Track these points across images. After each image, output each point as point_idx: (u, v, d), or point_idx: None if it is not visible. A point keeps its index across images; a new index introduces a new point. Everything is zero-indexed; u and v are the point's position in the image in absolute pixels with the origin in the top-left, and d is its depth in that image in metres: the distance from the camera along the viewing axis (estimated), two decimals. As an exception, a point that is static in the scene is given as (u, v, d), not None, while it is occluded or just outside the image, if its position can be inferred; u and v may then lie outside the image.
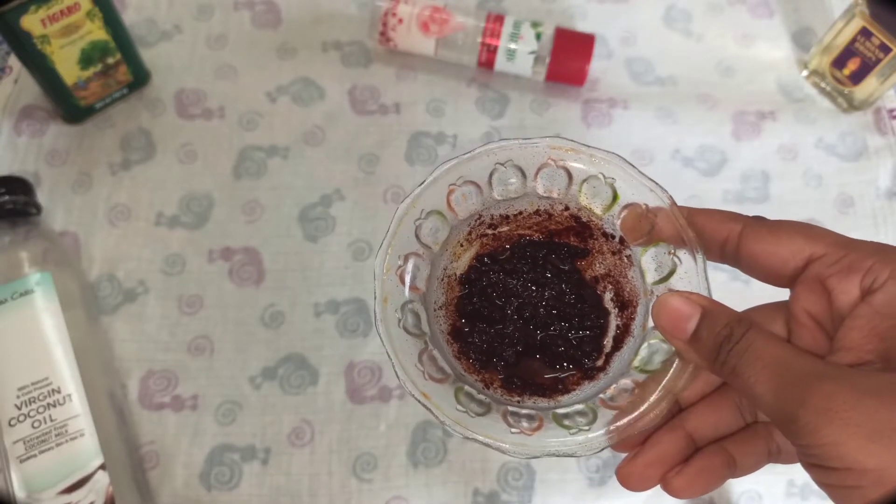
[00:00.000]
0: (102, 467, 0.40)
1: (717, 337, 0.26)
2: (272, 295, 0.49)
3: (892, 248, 0.26)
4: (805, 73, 0.59)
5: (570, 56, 0.55)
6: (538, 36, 0.54)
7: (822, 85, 0.58)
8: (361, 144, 0.54)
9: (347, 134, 0.55)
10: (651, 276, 0.32)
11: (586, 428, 0.29)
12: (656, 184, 0.32)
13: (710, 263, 0.30)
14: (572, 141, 0.32)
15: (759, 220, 0.29)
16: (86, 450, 0.41)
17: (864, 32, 0.53)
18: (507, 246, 0.34)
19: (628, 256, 0.33)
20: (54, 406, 0.41)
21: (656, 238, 0.31)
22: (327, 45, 0.58)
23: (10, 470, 0.40)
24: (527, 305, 0.33)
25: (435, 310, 0.33)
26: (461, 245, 0.34)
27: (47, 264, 0.45)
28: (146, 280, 0.49)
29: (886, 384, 0.23)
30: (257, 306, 0.49)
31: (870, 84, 0.55)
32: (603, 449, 0.29)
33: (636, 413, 0.29)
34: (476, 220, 0.33)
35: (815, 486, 0.46)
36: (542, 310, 0.33)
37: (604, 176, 0.32)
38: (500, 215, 0.34)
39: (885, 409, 0.22)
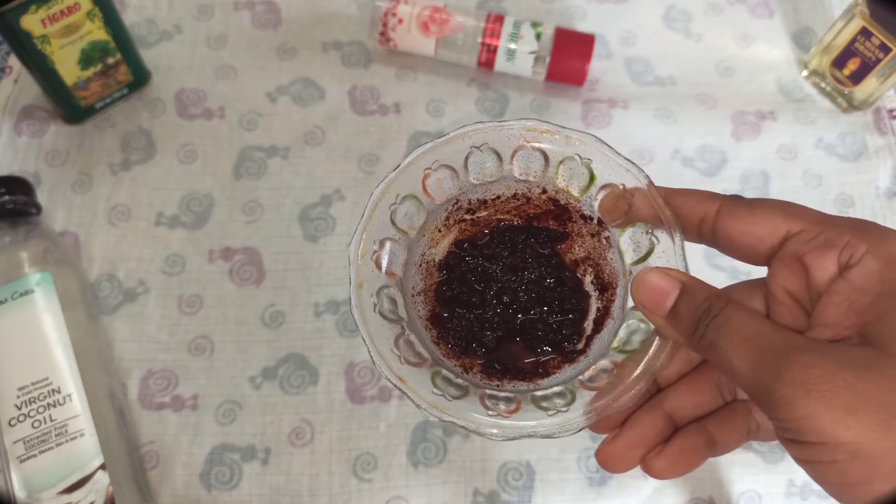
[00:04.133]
0: (102, 467, 0.40)
1: (696, 312, 0.26)
2: (272, 295, 0.49)
3: (869, 224, 0.26)
4: (805, 73, 0.59)
5: (570, 56, 0.55)
6: (538, 36, 0.54)
7: (822, 85, 0.58)
8: (361, 144, 0.54)
9: (347, 134, 0.55)
10: (630, 257, 0.31)
11: (564, 409, 0.29)
12: (633, 164, 0.31)
13: (688, 244, 0.30)
14: (548, 122, 0.32)
15: (736, 199, 0.29)
16: (86, 450, 0.41)
17: (864, 32, 0.53)
18: (486, 231, 0.33)
19: (607, 238, 0.33)
20: (54, 406, 0.41)
21: (634, 218, 0.31)
22: (327, 45, 0.58)
23: (10, 470, 0.40)
24: (507, 290, 0.33)
25: (413, 295, 0.32)
26: (439, 230, 0.33)
27: (47, 264, 0.45)
28: (146, 280, 0.49)
29: (863, 358, 0.23)
30: (257, 306, 0.49)
31: (870, 84, 0.55)
32: (581, 429, 0.28)
33: (615, 392, 0.28)
34: (453, 205, 0.33)
35: (815, 486, 0.46)
36: (522, 294, 0.33)
37: (580, 157, 0.32)
38: (478, 200, 0.33)
39: (862, 382, 0.22)
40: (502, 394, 0.30)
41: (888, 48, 0.52)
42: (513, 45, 0.54)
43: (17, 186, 0.47)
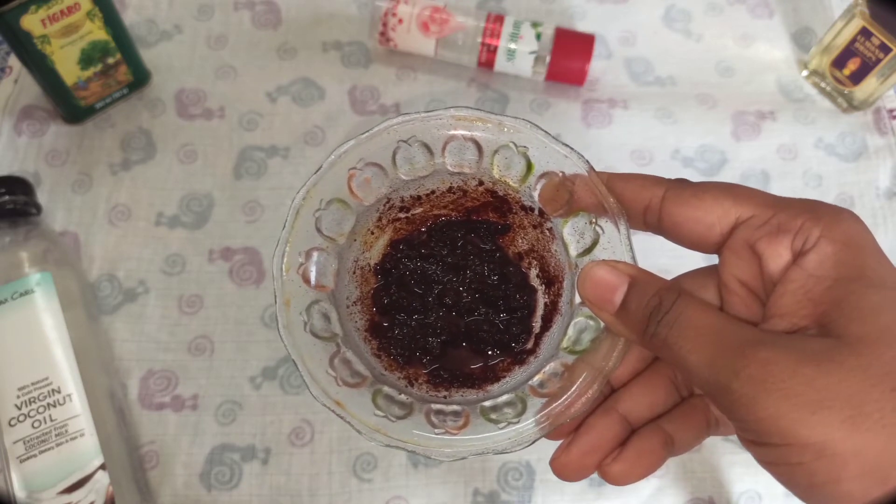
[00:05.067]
0: (102, 467, 0.40)
1: (647, 307, 0.25)
2: (272, 295, 0.49)
3: (821, 204, 0.24)
4: (805, 73, 0.59)
5: (570, 56, 0.55)
6: (538, 36, 0.54)
7: (822, 85, 0.58)
8: (361, 144, 0.54)
9: (347, 134, 0.55)
10: (574, 249, 0.29)
11: (515, 420, 0.27)
12: (572, 150, 0.29)
13: (634, 232, 0.29)
14: (478, 109, 0.30)
15: (681, 183, 0.27)
16: (86, 450, 0.41)
17: (864, 32, 0.53)
18: (423, 229, 0.32)
19: (549, 229, 0.31)
20: (54, 406, 0.41)
21: (576, 207, 0.29)
22: (327, 45, 0.58)
23: (10, 470, 0.40)
24: (449, 291, 0.31)
25: (348, 306, 0.30)
26: (371, 233, 0.31)
27: (47, 264, 0.45)
28: (146, 280, 0.49)
29: (823, 349, 0.21)
30: (257, 306, 0.49)
31: (870, 84, 0.55)
32: (535, 441, 0.27)
33: (566, 397, 0.27)
34: (385, 205, 0.31)
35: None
36: (465, 294, 0.31)
37: (515, 145, 0.30)
38: (411, 196, 0.31)
39: (824, 376, 0.20)
40: (450, 408, 0.28)
41: (888, 48, 0.52)
42: (513, 45, 0.54)
43: (17, 186, 0.47)
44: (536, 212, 0.31)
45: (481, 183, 0.31)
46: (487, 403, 0.28)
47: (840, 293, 0.22)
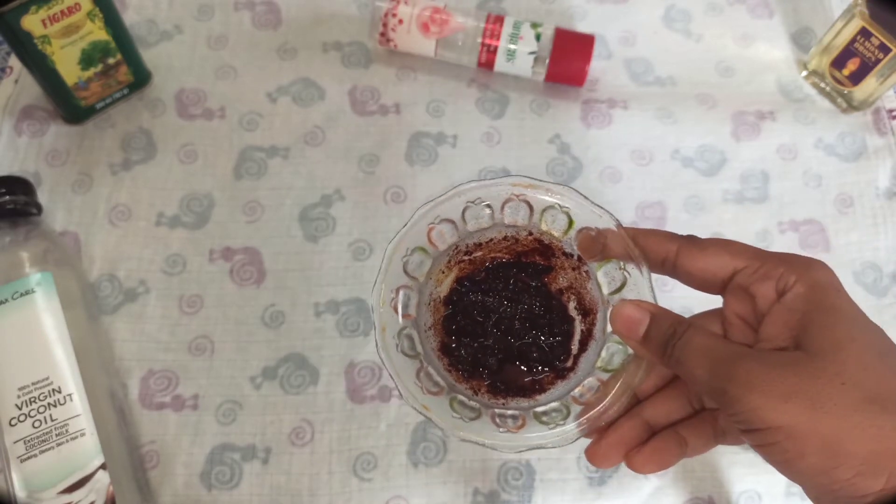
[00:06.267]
0: (103, 467, 0.40)
1: (664, 336, 0.32)
2: (272, 295, 0.49)
3: (796, 257, 0.31)
4: (804, 73, 0.59)
5: (569, 56, 0.55)
6: (538, 36, 0.54)
7: (822, 85, 0.58)
8: (362, 145, 0.55)
9: (348, 134, 0.55)
10: (606, 288, 0.36)
11: (561, 422, 0.34)
12: (605, 210, 0.36)
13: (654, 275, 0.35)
14: (531, 178, 0.37)
15: (691, 240, 0.34)
16: (86, 449, 0.41)
17: (864, 32, 0.53)
18: (482, 268, 0.38)
19: (586, 271, 0.38)
20: (55, 406, 0.41)
21: (608, 255, 0.36)
22: (328, 45, 0.58)
23: (10, 469, 0.40)
24: (503, 319, 0.37)
25: (425, 330, 0.37)
26: (442, 272, 0.38)
27: (48, 264, 0.45)
28: (147, 280, 0.49)
29: (793, 359, 0.28)
30: (258, 306, 0.49)
31: (869, 84, 0.55)
32: (577, 439, 0.34)
33: (601, 406, 0.34)
34: (454, 250, 0.38)
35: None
36: (516, 322, 0.37)
37: (559, 206, 0.37)
38: (474, 244, 0.38)
39: (792, 376, 0.27)
40: (509, 412, 0.35)
41: (888, 48, 0.52)
42: (513, 46, 0.54)
43: (18, 186, 0.47)
44: (575, 257, 0.38)
45: (531, 233, 0.38)
46: (539, 409, 0.35)
47: (808, 320, 0.29)
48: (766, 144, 0.56)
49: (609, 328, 0.35)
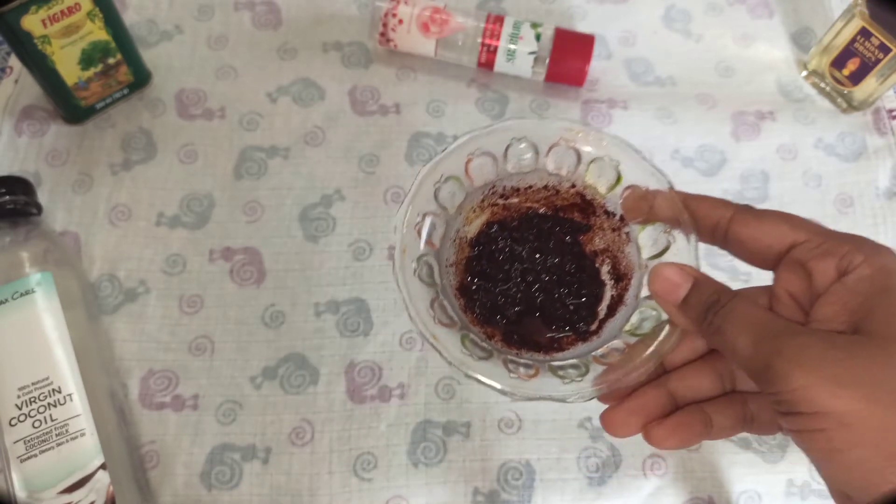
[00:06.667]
0: (103, 467, 0.40)
1: (705, 303, 0.29)
2: (273, 295, 0.49)
3: (865, 239, 0.29)
4: (804, 73, 0.59)
5: (569, 56, 0.55)
6: (538, 36, 0.54)
7: (822, 85, 0.58)
8: (362, 145, 0.55)
9: (348, 134, 0.55)
10: (647, 252, 0.34)
11: (579, 379, 0.32)
12: (658, 169, 0.34)
13: (701, 245, 0.33)
14: (586, 125, 0.35)
15: (747, 209, 0.31)
16: (86, 449, 0.41)
17: (864, 32, 0.53)
18: (515, 216, 0.36)
19: (627, 233, 0.35)
20: (55, 406, 0.41)
21: (654, 218, 0.34)
22: (328, 45, 0.58)
23: (10, 470, 0.40)
24: (530, 271, 0.35)
25: (446, 266, 0.35)
26: (474, 211, 0.36)
27: (48, 264, 0.45)
28: (147, 280, 0.49)
29: (853, 342, 0.26)
30: (258, 306, 0.49)
31: (869, 84, 0.55)
32: (592, 398, 0.31)
33: (625, 368, 0.31)
34: (489, 189, 0.36)
35: (814, 486, 0.46)
36: (544, 276, 0.35)
37: (610, 158, 0.34)
38: (512, 187, 0.36)
39: (851, 359, 0.25)
40: (523, 360, 0.33)
41: (888, 48, 0.52)
42: (513, 46, 0.54)
43: (18, 186, 0.47)
44: (618, 217, 0.35)
45: (573, 186, 0.36)
46: (556, 363, 0.33)
47: (872, 304, 0.27)
48: (766, 144, 0.56)
49: (643, 294, 0.33)
